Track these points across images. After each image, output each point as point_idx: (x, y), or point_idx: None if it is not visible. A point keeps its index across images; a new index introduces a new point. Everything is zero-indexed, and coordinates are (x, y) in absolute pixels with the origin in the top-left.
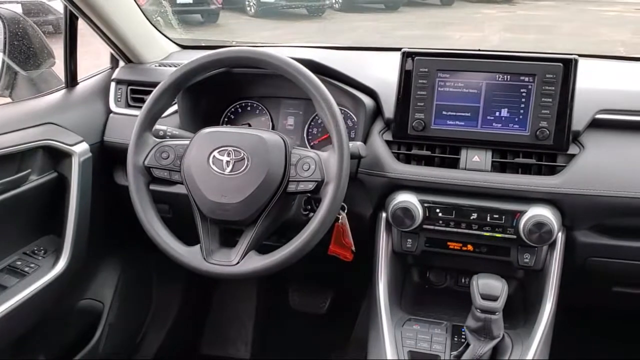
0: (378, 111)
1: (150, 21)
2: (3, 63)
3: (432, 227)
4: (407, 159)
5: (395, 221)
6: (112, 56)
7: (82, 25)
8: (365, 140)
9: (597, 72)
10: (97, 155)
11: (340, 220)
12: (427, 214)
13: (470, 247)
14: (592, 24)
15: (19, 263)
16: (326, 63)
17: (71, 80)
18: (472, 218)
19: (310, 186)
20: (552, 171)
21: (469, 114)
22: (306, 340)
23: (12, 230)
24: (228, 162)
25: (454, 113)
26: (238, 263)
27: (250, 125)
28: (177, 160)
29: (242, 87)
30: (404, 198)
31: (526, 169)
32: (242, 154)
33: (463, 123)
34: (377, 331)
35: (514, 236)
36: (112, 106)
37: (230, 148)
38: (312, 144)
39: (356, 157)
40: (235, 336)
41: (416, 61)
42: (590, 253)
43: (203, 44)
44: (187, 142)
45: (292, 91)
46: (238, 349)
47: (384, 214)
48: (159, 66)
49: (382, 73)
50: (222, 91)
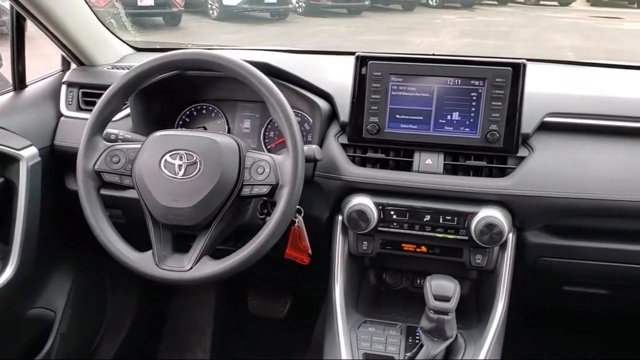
0: (334, 114)
1: (103, 23)
2: None
3: (387, 229)
4: (363, 162)
5: (350, 224)
6: (64, 58)
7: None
8: (321, 143)
9: (547, 77)
10: (47, 159)
11: (296, 223)
12: (382, 216)
13: (424, 249)
14: (548, 30)
15: None
16: (281, 66)
17: (19, 82)
18: (426, 220)
19: (264, 190)
20: (503, 173)
21: (422, 118)
22: (266, 345)
23: None
24: (180, 166)
25: (407, 117)
26: (191, 269)
27: (205, 128)
28: (128, 164)
29: (197, 90)
30: (359, 201)
31: (477, 171)
32: (195, 158)
33: (416, 126)
34: (333, 334)
35: (466, 237)
36: (63, 109)
37: (182, 151)
38: (269, 147)
39: (312, 161)
40: (193, 343)
41: (370, 65)
42: (540, 253)
43: (158, 47)
44: (139, 146)
45: (248, 94)
46: (196, 356)
47: (340, 217)
48: (112, 69)
49: (338, 77)
50: (177, 94)
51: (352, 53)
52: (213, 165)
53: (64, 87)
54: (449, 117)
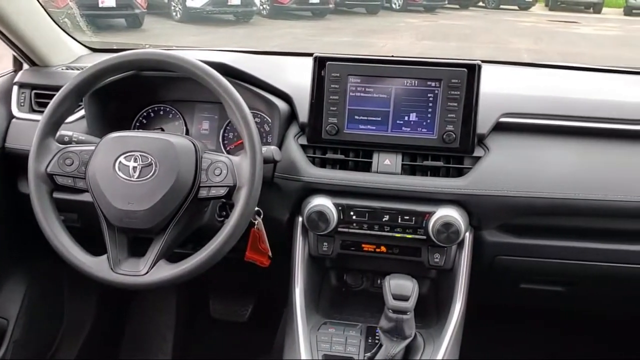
0: (293, 115)
1: (57, 23)
2: None
3: (347, 230)
4: (322, 163)
5: (310, 225)
6: (15, 59)
7: None
8: (280, 144)
9: (503, 78)
10: None
11: (256, 225)
12: (342, 217)
13: (383, 249)
14: (507, 34)
15: None
16: (239, 67)
17: None
18: (385, 220)
19: (222, 191)
20: (459, 173)
21: (380, 119)
22: (228, 349)
23: None
24: (135, 168)
25: (366, 117)
26: (147, 273)
27: (163, 130)
28: (82, 166)
29: (154, 91)
30: (319, 202)
31: (435, 172)
32: (150, 159)
33: (374, 127)
34: (293, 336)
35: (424, 237)
36: (15, 111)
37: (137, 153)
38: (228, 149)
39: (270, 162)
40: (155, 349)
41: (328, 66)
42: (497, 252)
43: (115, 47)
44: (93, 148)
45: (207, 95)
46: None
47: (300, 218)
48: (66, 69)
49: (297, 77)
50: (133, 95)
51: (311, 54)
52: (168, 167)
53: (16, 88)
54: (407, 118)
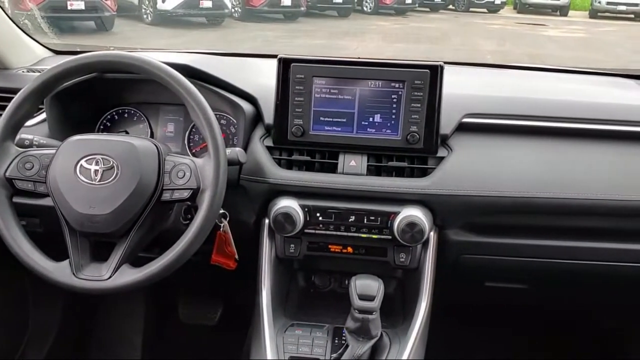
0: (259, 117)
1: (17, 25)
2: None
3: (314, 232)
4: (288, 165)
5: (276, 227)
6: None
7: None
8: (246, 146)
9: (466, 79)
10: None
11: (222, 228)
12: (308, 219)
13: (350, 249)
14: (476, 36)
15: None
16: (203, 68)
17: None
18: (351, 221)
19: (185, 194)
20: (424, 173)
21: (345, 120)
22: (198, 353)
23: None
24: (96, 171)
25: (331, 119)
26: (110, 277)
27: (127, 132)
28: (43, 170)
29: (119, 94)
30: (285, 203)
31: (400, 172)
32: (112, 163)
33: (340, 129)
34: (259, 338)
35: (390, 237)
36: None
37: (98, 156)
38: (194, 151)
39: (235, 164)
40: (122, 354)
41: (292, 67)
42: (461, 250)
43: (79, 49)
44: (53, 152)
45: (171, 97)
46: None
47: (267, 221)
48: (27, 72)
49: (263, 79)
50: (97, 97)
51: (276, 56)
52: (131, 169)
53: None
54: (371, 119)
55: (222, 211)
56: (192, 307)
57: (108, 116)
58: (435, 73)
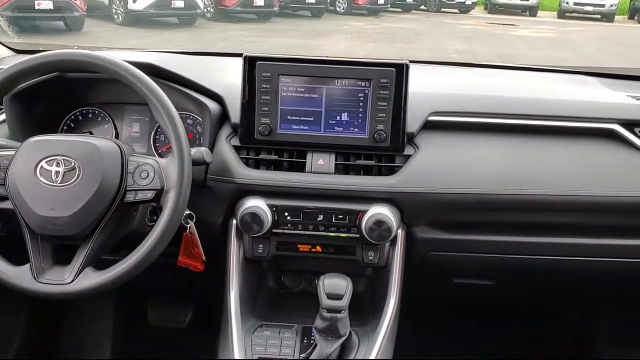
0: (225, 116)
1: None
2: None
3: (282, 232)
4: (256, 164)
5: (244, 227)
6: None
7: None
8: (212, 146)
9: (433, 78)
10: None
11: (189, 230)
12: (276, 219)
13: (319, 249)
14: (448, 37)
15: None
16: (168, 67)
17: None
18: (319, 220)
19: (149, 195)
20: (391, 172)
21: (313, 119)
22: (169, 356)
23: None
24: (58, 173)
25: (299, 118)
26: (73, 281)
27: (92, 133)
28: (2, 172)
29: (82, 94)
30: (253, 204)
31: (368, 171)
32: (73, 164)
33: (307, 128)
34: (227, 340)
35: (358, 235)
36: None
37: (60, 157)
38: (160, 152)
39: (201, 164)
40: (92, 357)
41: (258, 66)
42: (429, 248)
43: (41, 49)
44: (13, 153)
45: (137, 97)
46: None
47: (235, 221)
48: None
49: (229, 78)
50: (60, 98)
51: (241, 55)
52: (93, 171)
53: None
54: (339, 118)
55: (189, 212)
56: (163, 310)
57: (72, 117)
58: (401, 72)
